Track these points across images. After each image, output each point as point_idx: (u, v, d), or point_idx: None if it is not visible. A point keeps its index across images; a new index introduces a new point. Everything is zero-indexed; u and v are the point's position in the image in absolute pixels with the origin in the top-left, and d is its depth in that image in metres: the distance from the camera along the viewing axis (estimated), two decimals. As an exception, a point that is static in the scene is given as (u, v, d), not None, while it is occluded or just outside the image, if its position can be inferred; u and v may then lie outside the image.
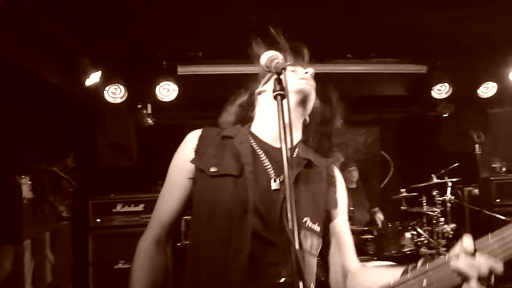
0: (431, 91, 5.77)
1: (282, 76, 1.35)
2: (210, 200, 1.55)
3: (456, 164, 5.39)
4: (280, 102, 1.32)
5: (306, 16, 4.22)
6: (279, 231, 1.46)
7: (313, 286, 1.57)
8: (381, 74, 5.75)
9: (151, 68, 5.24)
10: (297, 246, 1.12)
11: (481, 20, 4.41)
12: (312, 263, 1.57)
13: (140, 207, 4.86)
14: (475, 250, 1.17)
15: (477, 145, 5.73)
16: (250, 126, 1.75)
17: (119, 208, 4.88)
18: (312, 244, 1.55)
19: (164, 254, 1.70)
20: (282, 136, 1.26)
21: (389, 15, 4.29)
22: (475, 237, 1.23)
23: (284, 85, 1.34)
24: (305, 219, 1.53)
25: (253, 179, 1.53)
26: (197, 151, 1.64)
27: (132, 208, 4.88)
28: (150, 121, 5.59)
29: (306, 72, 1.73)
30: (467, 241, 1.18)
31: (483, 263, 1.14)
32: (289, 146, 1.26)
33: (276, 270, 1.45)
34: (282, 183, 1.54)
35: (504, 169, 6.00)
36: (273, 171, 1.59)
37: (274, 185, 1.54)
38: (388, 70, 5.76)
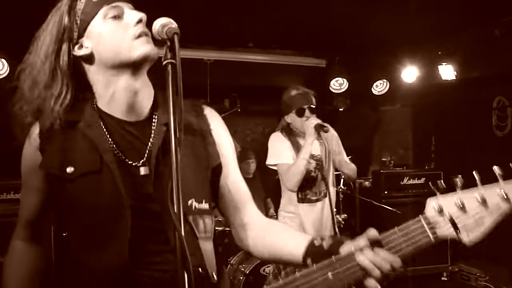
0: (329, 85, 5.90)
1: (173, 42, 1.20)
2: (76, 206, 1.37)
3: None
4: (170, 72, 1.18)
5: (209, 1, 4.10)
6: (165, 216, 1.31)
7: (215, 275, 1.43)
8: (281, 65, 5.78)
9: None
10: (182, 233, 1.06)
11: (379, 20, 4.57)
12: (208, 247, 1.44)
13: (21, 194, 4.43)
14: (380, 244, 1.23)
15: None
16: (94, 102, 1.43)
17: (-4, 195, 4.41)
18: (205, 226, 1.41)
19: (37, 249, 1.57)
20: (172, 121, 1.14)
21: (292, 7, 4.29)
22: (364, 227, 1.27)
23: (176, 53, 1.18)
24: (190, 202, 1.37)
25: (117, 168, 1.34)
26: (42, 149, 1.39)
27: (12, 196, 4.42)
28: (36, 100, 5.15)
29: (139, 21, 1.37)
30: (372, 234, 1.24)
31: (385, 259, 1.20)
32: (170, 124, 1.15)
33: (169, 257, 1.32)
34: (149, 163, 1.37)
35: (392, 162, 6.33)
36: (130, 154, 1.39)
37: (143, 170, 1.37)
38: (288, 61, 5.80)
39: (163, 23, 1.25)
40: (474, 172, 1.24)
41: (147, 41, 1.34)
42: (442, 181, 1.27)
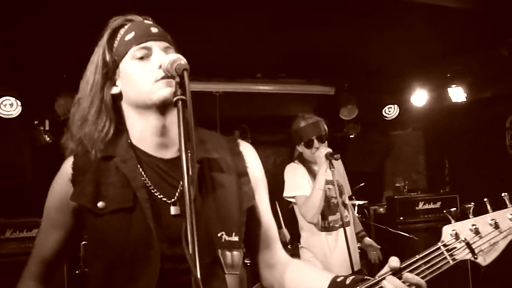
0: (339, 112, 5.88)
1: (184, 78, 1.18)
2: (105, 243, 1.33)
3: (362, 184, 5.51)
4: (181, 109, 1.16)
5: (216, 35, 4.14)
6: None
7: None
8: (290, 95, 5.79)
9: (50, 81, 4.85)
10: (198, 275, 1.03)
11: (386, 44, 4.57)
12: (233, 283, 1.43)
13: (34, 233, 4.39)
14: (402, 269, 1.27)
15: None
16: (128, 138, 1.43)
17: (8, 234, 4.38)
18: (233, 260, 1.36)
19: None
20: (183, 157, 1.10)
21: (298, 36, 4.31)
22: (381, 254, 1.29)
23: (186, 89, 1.16)
24: (220, 234, 1.34)
25: (150, 207, 1.31)
26: (74, 181, 1.38)
27: (24, 234, 4.40)
28: (47, 138, 5.17)
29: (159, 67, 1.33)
30: (393, 261, 1.27)
31: (415, 283, 1.24)
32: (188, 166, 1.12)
33: None
34: (180, 202, 1.33)
35: (406, 187, 6.23)
36: (163, 191, 1.37)
37: (173, 210, 1.33)
38: (296, 90, 5.82)
39: (172, 60, 1.24)
40: (485, 200, 1.37)
41: (167, 84, 1.31)
42: (455, 208, 1.35)
